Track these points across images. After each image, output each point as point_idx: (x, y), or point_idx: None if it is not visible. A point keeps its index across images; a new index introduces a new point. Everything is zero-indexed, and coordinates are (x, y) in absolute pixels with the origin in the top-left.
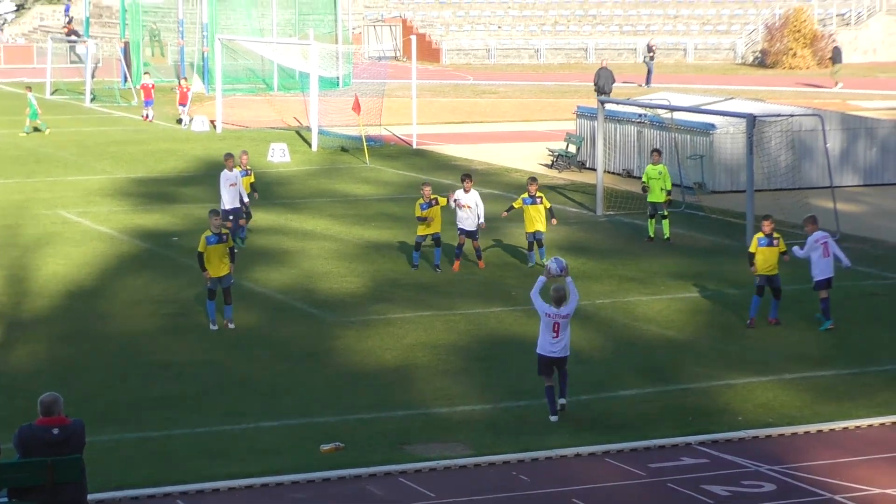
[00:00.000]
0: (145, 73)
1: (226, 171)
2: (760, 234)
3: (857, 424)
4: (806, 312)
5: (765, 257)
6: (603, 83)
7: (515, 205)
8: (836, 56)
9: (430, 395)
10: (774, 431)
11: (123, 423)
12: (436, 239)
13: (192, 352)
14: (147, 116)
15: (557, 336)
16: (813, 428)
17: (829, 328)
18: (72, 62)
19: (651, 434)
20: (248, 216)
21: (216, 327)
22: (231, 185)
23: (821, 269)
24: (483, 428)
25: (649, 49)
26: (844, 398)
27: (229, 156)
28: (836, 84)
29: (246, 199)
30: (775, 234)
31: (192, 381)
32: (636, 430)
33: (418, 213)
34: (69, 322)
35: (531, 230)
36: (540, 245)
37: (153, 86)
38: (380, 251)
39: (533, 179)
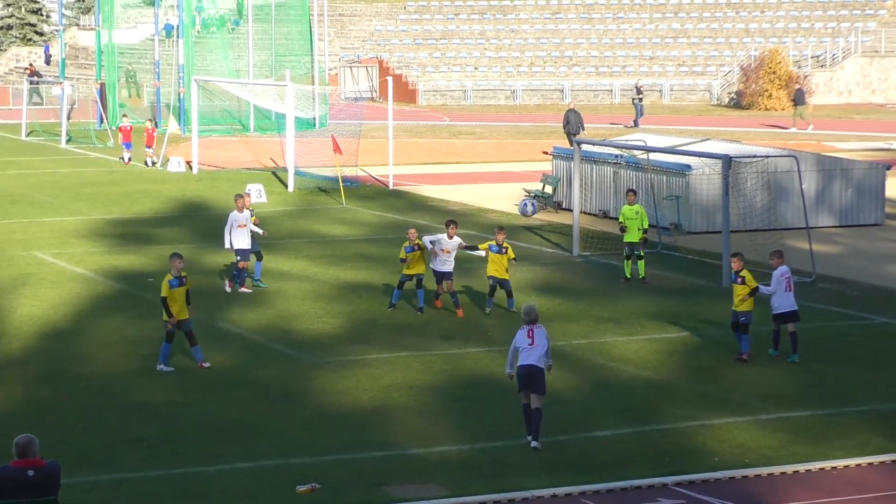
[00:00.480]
0: (123, 115)
1: (235, 212)
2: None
3: (835, 465)
4: (782, 352)
5: (734, 293)
6: (572, 125)
7: (481, 247)
8: (798, 98)
9: (407, 436)
10: (751, 472)
11: (99, 465)
12: (419, 280)
13: (168, 393)
14: (127, 159)
15: (533, 343)
16: (790, 469)
17: (796, 361)
18: (34, 103)
19: (628, 475)
20: (259, 256)
21: (170, 369)
22: (240, 226)
23: (784, 303)
24: (460, 469)
25: (638, 91)
26: (821, 439)
27: (239, 196)
28: (809, 126)
29: (259, 231)
30: (742, 273)
31: (168, 423)
32: (613, 470)
33: (402, 255)
34: (44, 363)
35: (493, 274)
36: (509, 295)
37: (131, 128)
38: (356, 292)
39: (501, 228)
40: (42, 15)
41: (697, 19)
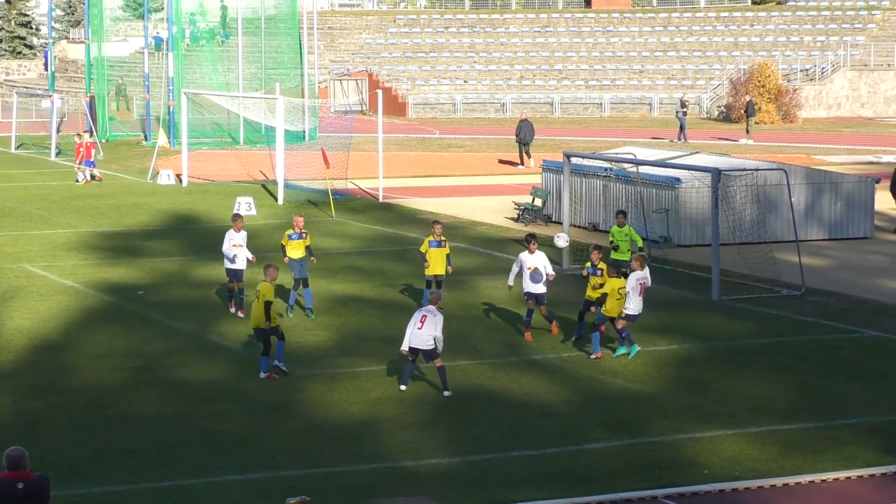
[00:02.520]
0: (85, 130)
1: (231, 230)
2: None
3: (824, 478)
4: (772, 365)
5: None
6: (524, 135)
7: (422, 248)
8: (749, 110)
9: (397, 449)
10: (741, 485)
11: (89, 477)
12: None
13: (158, 405)
14: (87, 178)
15: (422, 328)
16: (780, 481)
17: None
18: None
19: (617, 487)
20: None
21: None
22: (234, 245)
23: (635, 306)
24: (449, 481)
25: (682, 104)
26: (811, 451)
27: (238, 217)
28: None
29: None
30: (599, 265)
31: (158, 435)
32: (602, 483)
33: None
34: (35, 376)
35: (432, 273)
36: (439, 286)
37: (92, 144)
38: (346, 305)
39: (437, 223)
40: (32, 28)
41: (687, 33)
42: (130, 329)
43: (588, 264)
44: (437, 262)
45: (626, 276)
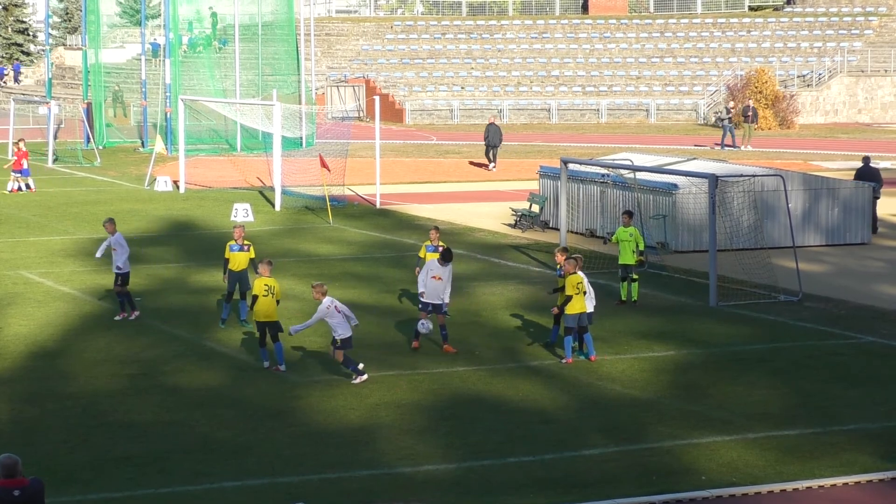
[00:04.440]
0: (18, 140)
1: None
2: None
3: (822, 484)
4: (769, 371)
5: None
6: (492, 138)
7: (420, 254)
8: (750, 115)
9: (394, 455)
10: (738, 491)
11: (86, 484)
12: None
13: (155, 412)
14: (16, 188)
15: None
16: (777, 487)
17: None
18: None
19: (614, 493)
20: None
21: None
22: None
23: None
24: (447, 487)
25: (727, 111)
26: (808, 457)
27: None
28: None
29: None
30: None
31: (155, 442)
32: (599, 489)
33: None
34: (31, 382)
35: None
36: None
37: (26, 154)
38: None
39: (435, 228)
40: (29, 35)
41: (684, 39)
42: (128, 336)
43: (558, 266)
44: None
45: (630, 279)
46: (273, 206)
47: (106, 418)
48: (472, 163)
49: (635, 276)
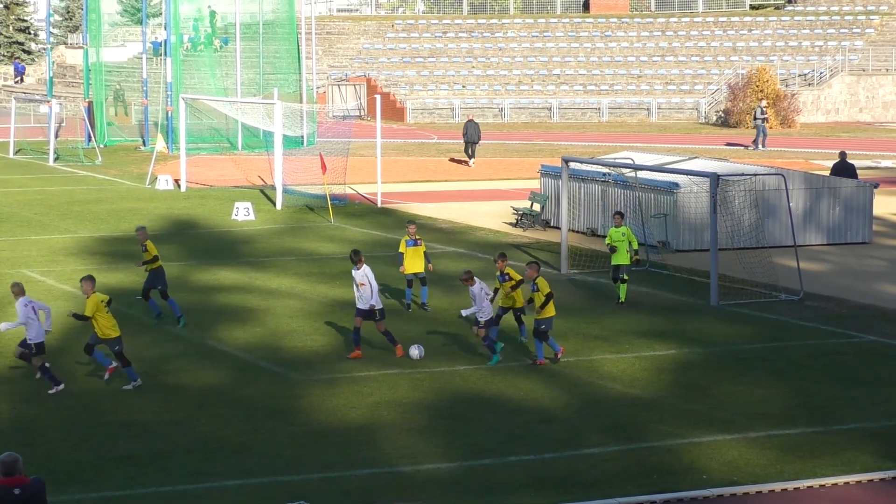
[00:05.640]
0: None
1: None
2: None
3: (823, 483)
4: (770, 370)
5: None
6: (471, 134)
7: (400, 248)
8: (759, 115)
9: (395, 454)
10: (739, 490)
11: (87, 483)
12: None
13: (156, 411)
14: None
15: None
16: (778, 486)
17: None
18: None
19: (615, 493)
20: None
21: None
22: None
23: (486, 312)
24: (447, 486)
25: (762, 111)
26: (809, 456)
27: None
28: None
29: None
30: (506, 270)
31: (156, 441)
32: (600, 488)
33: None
34: (32, 381)
35: (411, 271)
36: (423, 283)
37: None
38: (345, 309)
39: (411, 222)
40: (30, 33)
41: (685, 37)
42: (128, 334)
43: (497, 273)
44: (414, 261)
45: (622, 280)
46: (274, 204)
47: (106, 417)
48: (452, 159)
49: (626, 277)
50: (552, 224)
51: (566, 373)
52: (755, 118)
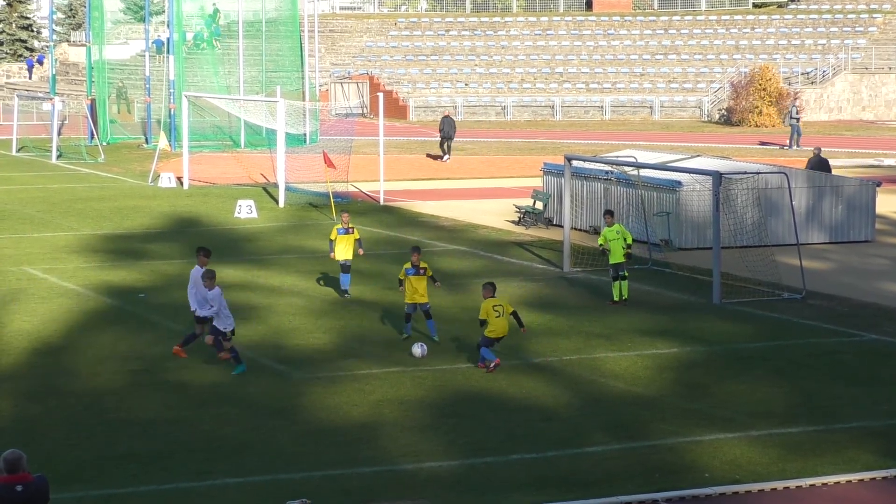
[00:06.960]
0: None
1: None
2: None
3: (824, 481)
4: (772, 368)
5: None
6: (447, 130)
7: (331, 236)
8: (794, 113)
9: (397, 452)
10: (741, 488)
11: (88, 481)
12: (425, 310)
13: (158, 409)
14: None
15: None
16: (780, 485)
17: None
18: None
19: (617, 491)
20: None
21: None
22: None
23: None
24: (449, 485)
25: (797, 111)
26: (811, 455)
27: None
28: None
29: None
30: (422, 264)
31: (158, 439)
32: (602, 487)
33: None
34: (35, 379)
35: (342, 258)
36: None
37: None
38: (347, 307)
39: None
40: (33, 31)
41: (688, 36)
42: (131, 332)
43: (407, 265)
44: (345, 248)
45: (621, 277)
46: (277, 202)
47: (109, 415)
48: (428, 155)
49: (626, 274)
50: (555, 222)
51: (568, 371)
52: (790, 117)
